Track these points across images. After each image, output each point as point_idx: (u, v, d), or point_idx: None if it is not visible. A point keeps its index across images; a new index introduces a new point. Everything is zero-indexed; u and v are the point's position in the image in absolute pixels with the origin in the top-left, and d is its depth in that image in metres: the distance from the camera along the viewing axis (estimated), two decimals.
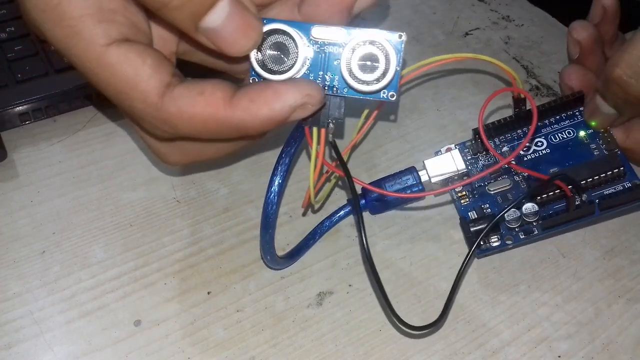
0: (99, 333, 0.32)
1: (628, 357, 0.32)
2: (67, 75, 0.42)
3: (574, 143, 0.36)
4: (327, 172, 0.34)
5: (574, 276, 0.35)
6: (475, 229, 0.34)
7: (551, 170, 0.36)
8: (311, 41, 0.28)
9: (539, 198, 0.34)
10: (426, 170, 0.36)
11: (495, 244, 0.34)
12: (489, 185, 0.36)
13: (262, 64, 0.27)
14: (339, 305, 0.34)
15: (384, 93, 0.28)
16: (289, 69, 0.27)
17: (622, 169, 0.34)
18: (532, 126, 0.30)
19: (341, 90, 0.28)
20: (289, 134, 0.31)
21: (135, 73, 0.25)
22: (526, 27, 0.52)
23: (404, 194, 0.36)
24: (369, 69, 0.27)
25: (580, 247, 0.37)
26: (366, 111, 0.33)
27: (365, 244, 0.29)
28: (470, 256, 0.31)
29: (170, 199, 0.38)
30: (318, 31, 0.27)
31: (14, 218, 0.36)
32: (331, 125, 0.29)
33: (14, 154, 0.40)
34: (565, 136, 0.37)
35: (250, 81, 0.28)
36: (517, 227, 0.34)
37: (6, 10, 0.45)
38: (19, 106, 0.40)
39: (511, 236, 0.34)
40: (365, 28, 0.27)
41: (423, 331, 0.32)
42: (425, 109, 0.45)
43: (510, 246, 0.35)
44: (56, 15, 0.24)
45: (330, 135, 0.29)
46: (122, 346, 0.31)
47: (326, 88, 0.28)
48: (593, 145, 0.36)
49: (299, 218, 0.38)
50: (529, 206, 0.34)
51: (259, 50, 0.27)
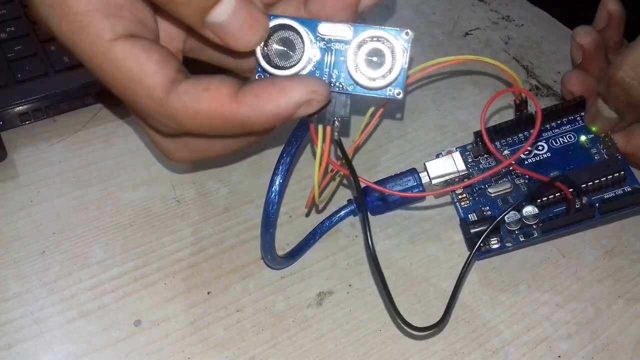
0: (99, 333, 0.32)
1: (628, 357, 0.32)
2: (67, 75, 0.42)
3: (575, 147, 0.36)
4: (332, 171, 0.34)
5: (574, 276, 0.35)
6: (475, 230, 0.34)
7: (552, 174, 0.35)
8: (318, 38, 0.27)
9: (539, 201, 0.34)
10: (427, 172, 0.36)
11: (495, 246, 0.34)
12: (490, 187, 0.36)
13: (268, 59, 0.27)
14: (339, 305, 0.34)
15: (391, 90, 0.28)
16: (295, 65, 0.27)
17: (623, 173, 0.34)
18: (537, 124, 0.30)
19: (347, 87, 0.28)
20: (290, 134, 0.31)
21: (140, 68, 0.25)
22: (526, 27, 0.52)
23: (408, 193, 0.36)
24: (375, 65, 0.27)
25: (580, 247, 0.37)
26: (371, 109, 0.33)
27: (370, 242, 0.28)
28: (470, 259, 0.31)
29: (170, 199, 0.38)
30: (325, 28, 0.27)
31: (14, 218, 0.36)
32: (337, 123, 0.28)
33: (14, 154, 0.40)
34: (566, 140, 0.36)
35: (257, 77, 0.28)
36: (517, 230, 0.34)
37: (6, 10, 0.45)
38: (19, 106, 0.40)
39: (511, 239, 0.34)
40: (371, 25, 0.27)
41: (425, 332, 0.32)
42: (425, 109, 0.45)
43: (510, 249, 0.35)
44: (63, 11, 0.24)
45: (336, 134, 0.29)
46: (122, 346, 0.31)
47: (332, 85, 0.28)
48: (594, 150, 0.36)
49: (299, 218, 0.38)
50: (529, 209, 0.34)
51: (265, 45, 0.27)
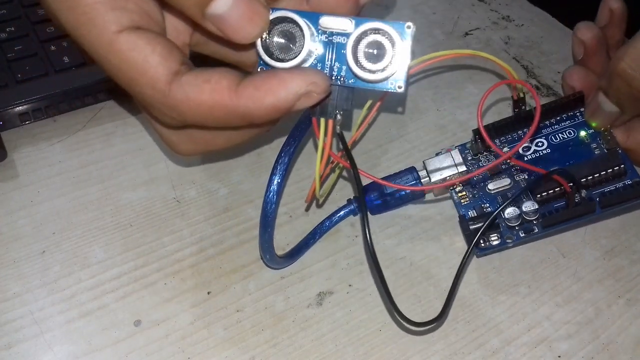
0: (99, 333, 0.32)
1: (628, 357, 0.32)
2: (67, 75, 0.42)
3: (575, 143, 0.36)
4: (332, 163, 0.34)
5: (574, 276, 0.35)
6: (474, 227, 0.34)
7: (551, 169, 0.35)
8: (319, 31, 0.27)
9: (539, 196, 0.34)
10: (426, 170, 0.36)
11: (495, 243, 0.34)
12: (489, 184, 0.36)
13: (269, 52, 0.27)
14: (339, 305, 0.34)
15: (392, 84, 0.27)
16: (295, 57, 0.27)
17: (623, 166, 0.34)
18: (536, 116, 0.30)
19: (348, 80, 0.28)
20: (288, 133, 0.31)
21: (144, 60, 0.25)
22: (526, 27, 0.52)
23: (407, 185, 0.36)
24: (375, 58, 0.27)
25: (580, 247, 0.37)
26: (369, 102, 0.33)
27: (368, 236, 0.28)
28: (469, 252, 0.31)
29: (170, 199, 0.38)
30: (326, 21, 0.27)
31: (14, 218, 0.36)
32: (339, 116, 0.28)
33: (14, 154, 0.40)
34: (565, 136, 0.36)
35: (259, 70, 0.28)
36: (517, 226, 0.34)
37: (6, 10, 0.45)
38: (19, 106, 0.40)
39: (511, 235, 0.34)
40: (373, 18, 0.27)
41: (424, 327, 0.32)
42: (425, 109, 0.45)
43: (511, 245, 0.35)
44: (70, 3, 0.25)
45: (338, 127, 0.29)
46: (122, 346, 0.31)
47: (333, 78, 0.28)
48: (594, 145, 0.36)
49: (299, 218, 0.38)
50: (529, 204, 0.34)
51: (266, 38, 0.27)
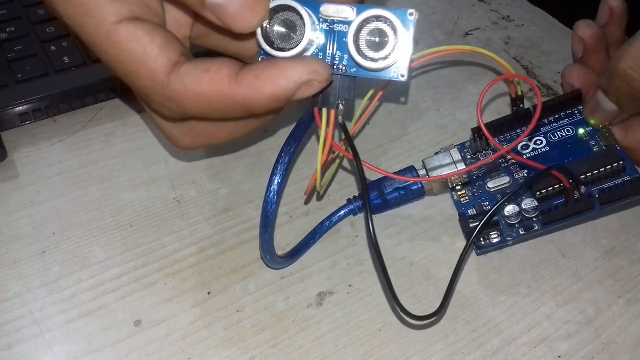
0: (99, 333, 0.32)
1: (628, 357, 0.32)
2: (67, 75, 0.42)
3: (573, 140, 0.36)
4: (333, 153, 0.33)
5: (574, 276, 0.35)
6: (474, 224, 0.34)
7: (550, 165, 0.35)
8: (320, 19, 0.27)
9: (538, 193, 0.34)
10: (425, 169, 0.36)
11: (495, 240, 0.34)
12: (488, 182, 0.36)
13: (269, 41, 0.27)
14: (339, 305, 0.34)
15: (394, 72, 0.27)
16: (296, 46, 0.27)
17: (621, 163, 0.34)
18: (537, 109, 0.30)
19: (350, 69, 0.27)
20: (288, 133, 0.31)
21: (143, 51, 0.25)
22: (526, 27, 0.52)
23: (406, 177, 0.36)
24: (377, 46, 0.26)
25: (580, 247, 0.37)
26: (370, 92, 0.32)
27: (371, 225, 0.28)
28: (468, 247, 0.31)
29: (170, 199, 0.38)
30: (327, 9, 0.27)
31: (14, 218, 0.36)
32: (341, 106, 0.28)
33: (14, 154, 0.40)
34: (564, 134, 0.36)
35: (260, 60, 0.28)
36: (517, 223, 0.34)
37: (6, 10, 0.45)
38: (19, 106, 0.40)
39: (511, 232, 0.34)
40: (375, 5, 0.26)
41: (424, 321, 0.32)
42: (425, 109, 0.45)
43: (511, 242, 0.35)
44: None
45: (340, 117, 0.28)
46: (122, 346, 0.31)
47: (335, 67, 0.27)
48: (592, 142, 0.36)
49: (299, 218, 0.38)
50: (529, 202, 0.34)
51: (266, 27, 0.27)
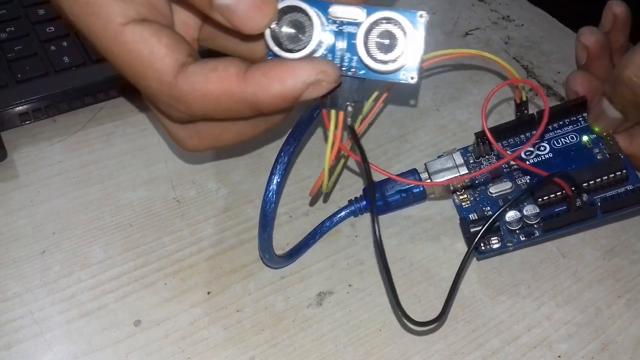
0: (99, 333, 0.32)
1: (628, 357, 0.32)
2: (67, 75, 0.42)
3: (577, 148, 0.36)
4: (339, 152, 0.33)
5: (574, 276, 0.35)
6: (475, 229, 0.34)
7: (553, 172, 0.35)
8: (329, 20, 0.27)
9: (540, 200, 0.34)
10: (428, 172, 0.36)
11: (495, 246, 0.34)
12: (491, 187, 0.36)
13: (278, 42, 0.26)
14: (339, 305, 0.34)
15: (404, 74, 0.26)
16: (305, 47, 0.26)
17: (625, 172, 0.34)
18: (545, 116, 0.29)
19: (359, 71, 0.27)
20: (288, 133, 0.31)
21: (150, 52, 0.25)
22: (526, 27, 0.52)
23: (410, 180, 0.36)
24: (387, 48, 0.26)
25: (580, 247, 0.37)
26: (375, 93, 0.32)
27: (375, 223, 0.28)
28: (468, 255, 0.31)
29: (170, 199, 0.38)
30: (336, 10, 0.26)
31: (14, 218, 0.36)
32: (349, 108, 0.28)
33: (14, 154, 0.40)
34: (568, 141, 0.36)
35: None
36: (518, 229, 0.34)
37: (6, 10, 0.45)
38: (19, 106, 0.40)
39: (512, 238, 0.34)
40: (384, 7, 0.26)
41: (425, 327, 0.32)
42: (425, 109, 0.45)
43: (511, 248, 0.35)
44: None
45: (349, 119, 0.28)
46: (122, 346, 0.31)
47: (344, 69, 0.27)
48: (596, 150, 0.36)
49: (299, 218, 0.38)
50: (530, 208, 0.34)
51: (274, 28, 0.26)
